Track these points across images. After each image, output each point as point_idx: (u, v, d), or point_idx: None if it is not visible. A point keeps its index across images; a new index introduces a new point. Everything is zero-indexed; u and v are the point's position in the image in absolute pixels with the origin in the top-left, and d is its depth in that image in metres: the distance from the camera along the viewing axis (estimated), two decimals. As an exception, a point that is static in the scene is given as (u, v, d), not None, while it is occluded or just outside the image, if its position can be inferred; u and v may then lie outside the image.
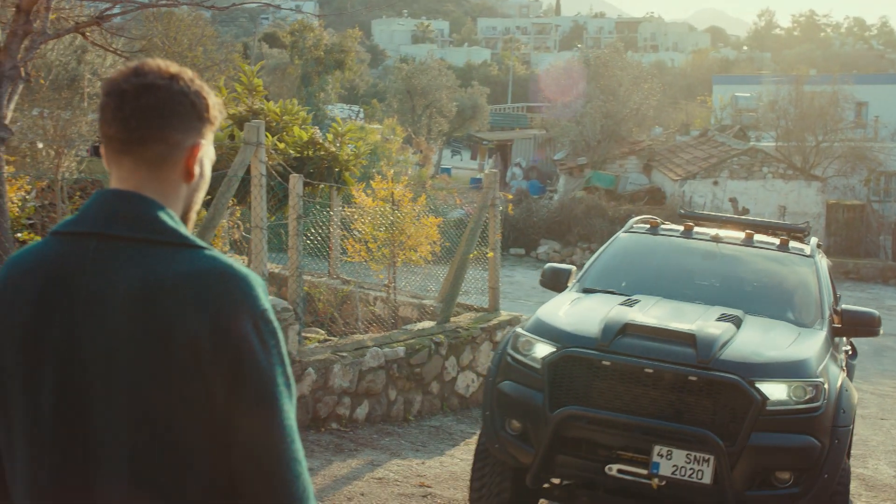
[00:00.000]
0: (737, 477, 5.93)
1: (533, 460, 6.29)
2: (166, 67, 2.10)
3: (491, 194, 11.80)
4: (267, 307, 2.02)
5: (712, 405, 6.05)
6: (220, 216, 8.99)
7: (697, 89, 72.50)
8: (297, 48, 40.35)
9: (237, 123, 11.80)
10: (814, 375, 6.19)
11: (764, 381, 6.06)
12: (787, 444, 6.02)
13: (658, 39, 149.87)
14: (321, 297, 12.32)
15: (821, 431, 6.11)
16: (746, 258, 8.09)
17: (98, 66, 17.70)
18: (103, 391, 1.96)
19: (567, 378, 6.30)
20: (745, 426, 5.93)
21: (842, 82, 38.58)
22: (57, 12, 10.67)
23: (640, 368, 6.10)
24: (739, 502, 5.97)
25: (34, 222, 11.82)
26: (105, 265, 2.00)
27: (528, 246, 29.51)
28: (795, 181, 30.96)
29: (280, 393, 1.99)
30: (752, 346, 6.36)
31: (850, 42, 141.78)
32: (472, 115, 49.36)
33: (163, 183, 2.10)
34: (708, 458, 5.92)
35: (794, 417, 6.07)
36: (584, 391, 6.24)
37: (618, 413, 6.11)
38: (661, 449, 6.00)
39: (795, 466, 6.04)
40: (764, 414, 5.97)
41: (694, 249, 8.20)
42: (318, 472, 7.84)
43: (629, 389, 6.16)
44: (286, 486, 1.97)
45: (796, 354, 6.37)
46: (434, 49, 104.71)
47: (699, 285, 7.83)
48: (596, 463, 6.18)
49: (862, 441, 11.40)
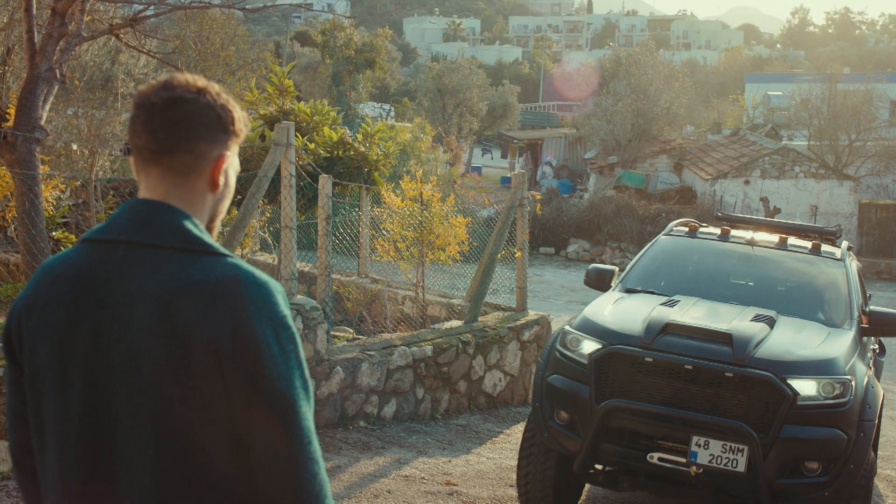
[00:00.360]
0: (769, 466, 6.31)
1: (580, 448, 6.73)
2: (194, 82, 2.19)
3: (519, 194, 11.86)
4: (286, 313, 2.11)
5: (747, 399, 6.44)
6: (250, 216, 9.11)
7: (730, 88, 72.18)
8: (329, 47, 40.54)
9: (268, 124, 11.92)
10: (842, 373, 6.55)
11: (795, 377, 6.43)
12: (815, 436, 6.37)
13: (690, 37, 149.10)
14: (350, 296, 12.42)
15: (848, 425, 6.45)
16: (780, 261, 8.43)
17: (132, 67, 17.90)
18: (128, 391, 2.06)
19: (612, 373, 6.72)
20: (777, 419, 6.31)
21: (875, 80, 38.33)
22: (91, 14, 10.84)
23: (681, 365, 6.50)
24: (771, 490, 6.35)
25: (68, 220, 12.00)
26: (132, 271, 2.10)
27: (558, 245, 29.51)
28: (827, 181, 30.77)
29: (298, 396, 2.08)
30: (785, 345, 6.73)
31: (885, 39, 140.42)
32: (503, 113, 49.37)
33: (189, 192, 2.20)
34: (742, 448, 6.32)
35: (823, 412, 6.42)
36: (628, 385, 6.67)
37: (659, 405, 6.53)
38: (698, 439, 6.40)
39: (824, 457, 6.38)
40: (795, 408, 6.35)
41: (730, 252, 8.56)
42: (346, 470, 7.94)
43: (670, 384, 6.57)
44: (304, 485, 2.07)
45: (826, 353, 6.73)
46: (465, 47, 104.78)
47: (735, 286, 8.21)
48: (638, 451, 6.60)
49: (890, 442, 11.37)
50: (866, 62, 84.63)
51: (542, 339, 11.84)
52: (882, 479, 9.72)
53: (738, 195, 30.17)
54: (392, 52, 54.39)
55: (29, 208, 8.78)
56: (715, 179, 30.39)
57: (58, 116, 14.85)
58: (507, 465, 8.81)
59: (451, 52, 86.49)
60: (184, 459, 2.06)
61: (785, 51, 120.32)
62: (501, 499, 7.77)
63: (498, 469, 8.61)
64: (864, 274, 7.56)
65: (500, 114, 49.28)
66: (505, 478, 8.36)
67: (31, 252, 8.76)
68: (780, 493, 6.42)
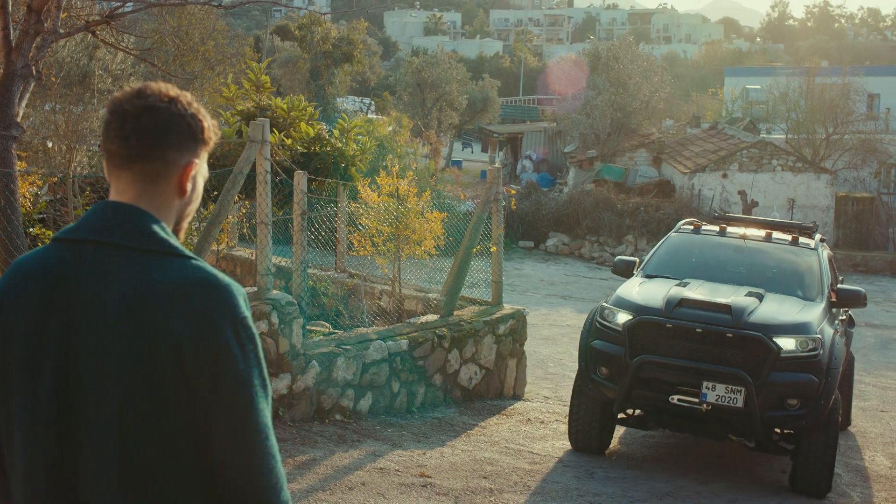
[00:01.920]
0: (760, 402, 8.49)
1: (617, 395, 9.00)
2: (166, 91, 2.29)
3: (494, 189, 11.96)
4: (247, 315, 2.22)
5: (742, 353, 8.64)
6: (226, 212, 9.17)
7: (710, 81, 72.40)
8: (306, 42, 40.50)
9: (245, 120, 11.97)
10: (814, 333, 8.75)
11: (779, 336, 8.63)
12: (795, 380, 8.58)
13: (671, 31, 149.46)
14: (327, 290, 12.49)
15: (819, 372, 8.60)
16: (766, 250, 10.65)
17: (109, 63, 17.88)
18: (95, 387, 2.16)
19: (641, 336, 8.95)
20: (766, 367, 8.54)
21: (853, 74, 38.52)
22: (67, 11, 10.86)
23: (693, 328, 8.75)
24: (762, 420, 8.54)
25: (46, 217, 12.02)
26: (101, 271, 2.20)
27: (537, 239, 29.61)
28: (805, 174, 30.96)
29: (256, 393, 2.19)
30: (771, 313, 8.93)
31: (863, 33, 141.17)
32: (483, 107, 49.42)
33: (157, 197, 2.30)
34: (740, 389, 8.50)
35: (800, 362, 8.62)
36: (653, 345, 8.90)
37: (677, 359, 8.75)
38: (707, 384, 8.60)
39: (801, 396, 8.55)
40: (779, 359, 8.56)
41: (727, 244, 10.82)
42: (321, 462, 8.03)
43: (685, 343, 8.79)
44: (261, 478, 2.18)
45: (802, 318, 8.96)
46: (446, 41, 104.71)
47: (731, 271, 10.38)
48: (662, 395, 8.81)
49: (861, 433, 11.54)
50: (845, 55, 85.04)
51: (518, 332, 11.95)
52: (852, 468, 9.88)
53: (716, 189, 30.35)
54: (372, 45, 54.33)
55: (5, 205, 8.82)
56: (693, 173, 30.55)
57: (35, 112, 14.84)
58: (482, 457, 8.91)
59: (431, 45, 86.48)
60: (147, 454, 2.15)
61: (764, 44, 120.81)
62: (475, 490, 7.88)
63: (472, 461, 8.72)
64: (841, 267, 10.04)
65: (480, 108, 49.33)
66: (479, 469, 8.47)
67: (7, 249, 8.80)
68: (768, 423, 8.60)
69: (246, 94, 12.89)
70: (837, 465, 9.91)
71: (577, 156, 36.08)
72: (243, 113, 12.32)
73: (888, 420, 12.35)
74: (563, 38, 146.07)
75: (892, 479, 9.60)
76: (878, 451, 10.70)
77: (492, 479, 8.27)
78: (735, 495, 8.70)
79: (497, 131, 47.51)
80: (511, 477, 8.40)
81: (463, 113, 47.63)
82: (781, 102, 37.42)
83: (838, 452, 10.36)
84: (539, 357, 14.71)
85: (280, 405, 8.90)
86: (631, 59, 37.31)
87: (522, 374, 12.17)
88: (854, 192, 33.51)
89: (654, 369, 8.78)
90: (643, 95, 36.13)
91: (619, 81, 35.95)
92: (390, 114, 34.34)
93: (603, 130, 35.17)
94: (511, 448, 9.46)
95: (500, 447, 9.44)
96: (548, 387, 12.99)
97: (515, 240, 28.91)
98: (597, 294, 23.04)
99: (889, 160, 34.18)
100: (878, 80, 44.22)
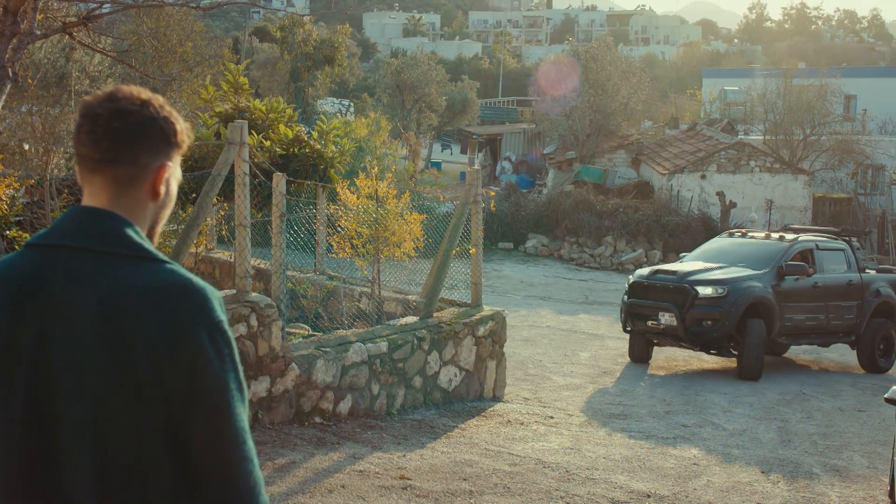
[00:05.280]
0: (687, 323, 14.51)
1: (625, 322, 15.38)
2: (138, 94, 2.27)
3: (473, 190, 11.96)
4: (222, 318, 2.20)
5: (677, 297, 14.74)
6: (204, 214, 9.14)
7: (688, 82, 72.59)
8: (287, 44, 40.42)
9: (223, 121, 11.93)
10: (725, 284, 14.61)
11: (702, 286, 14.64)
12: (707, 310, 14.51)
13: (649, 32, 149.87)
14: (306, 292, 12.47)
15: (724, 306, 14.48)
16: (761, 244, 15.98)
17: (86, 64, 17.79)
18: (70, 394, 2.14)
19: (634, 289, 15.29)
20: (688, 304, 14.54)
21: (830, 75, 38.74)
22: (44, 12, 10.80)
23: (654, 284, 15.05)
24: (689, 333, 14.54)
25: (22, 220, 11.95)
26: (75, 276, 2.18)
27: (517, 240, 29.66)
28: (782, 175, 31.15)
29: (233, 397, 2.18)
30: (707, 275, 14.91)
31: (840, 35, 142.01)
32: (462, 109, 49.46)
33: (130, 201, 2.27)
34: (674, 316, 14.48)
35: (712, 300, 14.59)
36: (638, 294, 15.20)
37: (646, 300, 14.99)
38: (661, 314, 14.70)
39: (712, 319, 14.50)
40: (697, 299, 14.57)
41: (741, 242, 16.39)
42: (301, 465, 8.01)
43: (651, 292, 15.03)
44: (238, 481, 2.17)
45: (724, 277, 14.85)
46: (425, 42, 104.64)
47: (732, 256, 15.83)
48: (643, 321, 15.01)
49: (838, 432, 11.60)
50: (822, 57, 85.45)
51: (498, 334, 11.96)
52: (829, 468, 9.93)
53: (694, 189, 30.48)
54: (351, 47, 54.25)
55: (-19, 208, 8.76)
56: (672, 174, 30.67)
57: (11, 114, 14.76)
58: (462, 458, 8.91)
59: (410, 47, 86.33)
60: (124, 459, 2.13)
61: (742, 46, 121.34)
62: (455, 492, 7.87)
63: (452, 463, 8.71)
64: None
65: (459, 109, 49.38)
66: (459, 471, 8.47)
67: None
68: (693, 335, 14.56)
69: (224, 95, 12.85)
70: (816, 464, 9.97)
71: (556, 157, 36.16)
72: (221, 115, 12.28)
73: (865, 420, 12.41)
74: (541, 39, 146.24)
75: (870, 479, 9.65)
76: (856, 451, 10.75)
77: (472, 480, 8.27)
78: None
79: (476, 133, 47.56)
80: (491, 479, 8.40)
81: (442, 114, 47.67)
82: (759, 103, 37.63)
83: (816, 452, 10.49)
84: (519, 358, 14.72)
85: (259, 408, 8.87)
86: (609, 60, 37.41)
87: (502, 376, 12.18)
88: (831, 192, 33.72)
89: (636, 307, 15.08)
90: (622, 97, 36.24)
91: (598, 83, 36.03)
92: (369, 115, 34.29)
93: (582, 132, 35.26)
94: (491, 450, 9.46)
95: (480, 449, 9.44)
96: (527, 388, 13.00)
97: (495, 241, 28.93)
98: (576, 295, 23.09)
99: (866, 161, 34.41)
100: (854, 81, 44.50)
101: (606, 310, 21.09)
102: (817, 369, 16.33)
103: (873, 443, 11.17)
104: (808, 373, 15.80)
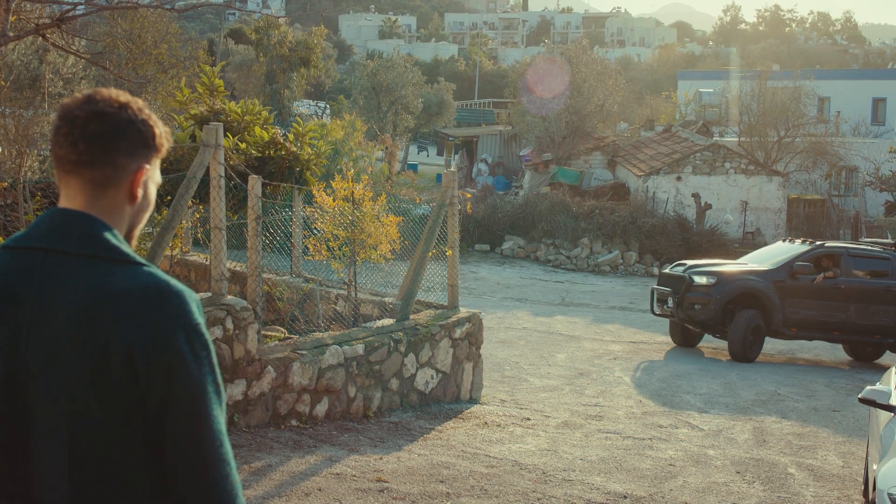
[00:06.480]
0: (683, 305, 17.01)
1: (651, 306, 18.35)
2: (116, 96, 2.26)
3: (449, 193, 11.96)
4: (200, 321, 2.20)
5: (681, 283, 17.12)
6: (179, 217, 9.10)
7: (663, 84, 72.95)
8: (263, 46, 40.32)
9: (199, 124, 11.87)
10: (716, 275, 17.02)
11: (698, 276, 17.10)
12: (700, 296, 16.86)
13: (625, 34, 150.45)
14: (283, 295, 12.43)
15: (714, 293, 16.69)
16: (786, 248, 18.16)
17: (60, 66, 17.69)
18: (45, 396, 2.13)
19: (662, 279, 18.19)
20: (683, 289, 17.06)
21: (804, 77, 38.99)
22: (17, 14, 10.73)
23: (672, 274, 17.73)
24: (685, 314, 17.03)
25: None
26: (51, 279, 2.17)
27: (493, 242, 29.69)
28: (757, 176, 31.33)
29: (210, 400, 2.17)
30: (710, 268, 17.52)
31: (814, 37, 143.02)
32: (439, 111, 49.50)
33: (108, 203, 2.26)
34: (673, 300, 17.32)
35: (704, 287, 16.90)
36: (662, 282, 18.06)
37: (664, 287, 17.68)
38: (669, 298, 17.31)
39: (701, 303, 16.81)
40: (692, 286, 17.02)
41: (778, 246, 18.75)
42: (277, 469, 7.98)
43: (668, 281, 17.71)
44: (215, 484, 2.16)
45: (719, 269, 17.41)
46: (401, 44, 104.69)
47: (766, 257, 17.93)
48: (662, 304, 17.61)
49: (812, 433, 11.67)
50: (796, 59, 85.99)
51: (474, 336, 11.96)
52: (804, 468, 9.98)
53: (670, 191, 30.61)
54: (327, 49, 54.19)
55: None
56: (648, 176, 30.79)
57: (-16, 117, 14.62)
58: (439, 461, 8.91)
59: (387, 49, 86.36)
60: (99, 463, 2.12)
61: (717, 48, 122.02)
62: (432, 494, 7.87)
63: (429, 465, 8.70)
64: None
65: (435, 111, 49.42)
66: (436, 474, 8.46)
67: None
68: (687, 316, 16.98)
69: (199, 97, 12.79)
70: (791, 464, 10.02)
71: (532, 159, 36.20)
72: (197, 117, 12.22)
73: (840, 419, 12.49)
74: (517, 41, 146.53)
75: (845, 479, 9.71)
76: (831, 451, 10.82)
77: (448, 483, 8.26)
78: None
79: (453, 135, 47.58)
80: (468, 481, 8.40)
81: (418, 116, 47.68)
82: (734, 105, 37.87)
83: (791, 452, 10.54)
84: (495, 360, 14.73)
85: (235, 411, 8.84)
86: (585, 62, 37.52)
87: (479, 378, 12.18)
88: (805, 194, 33.94)
89: (658, 293, 17.75)
90: (597, 99, 36.36)
91: (574, 85, 36.13)
92: (345, 117, 34.24)
93: (558, 134, 35.34)
94: (468, 452, 9.46)
95: (457, 451, 9.44)
96: (504, 390, 13.02)
97: (471, 243, 28.96)
98: (553, 297, 23.13)
99: (839, 163, 34.66)
100: (828, 83, 44.81)
101: (583, 311, 21.15)
102: (793, 367, 16.44)
103: (848, 443, 11.25)
104: (783, 373, 15.88)
